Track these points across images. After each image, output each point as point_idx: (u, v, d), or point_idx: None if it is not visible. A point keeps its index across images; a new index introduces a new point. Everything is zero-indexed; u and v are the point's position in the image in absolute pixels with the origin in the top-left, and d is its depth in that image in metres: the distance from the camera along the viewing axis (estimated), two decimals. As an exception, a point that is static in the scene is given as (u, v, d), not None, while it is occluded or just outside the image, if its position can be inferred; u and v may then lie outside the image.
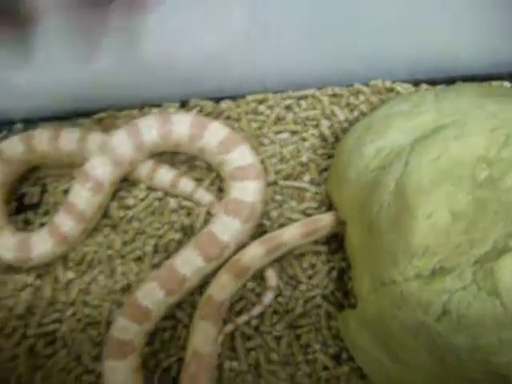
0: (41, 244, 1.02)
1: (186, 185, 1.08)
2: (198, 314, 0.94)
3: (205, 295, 0.96)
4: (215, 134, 1.05)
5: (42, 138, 1.11)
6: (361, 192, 0.88)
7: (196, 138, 1.05)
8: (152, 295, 0.94)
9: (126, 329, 0.92)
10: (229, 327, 0.96)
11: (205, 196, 1.08)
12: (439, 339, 0.73)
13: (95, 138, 1.10)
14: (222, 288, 0.95)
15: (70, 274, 1.05)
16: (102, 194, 1.05)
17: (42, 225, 1.09)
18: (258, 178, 1.01)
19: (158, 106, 1.21)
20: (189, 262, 0.95)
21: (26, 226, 1.12)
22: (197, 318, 0.94)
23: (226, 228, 0.97)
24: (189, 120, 1.06)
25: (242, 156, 1.03)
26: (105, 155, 1.04)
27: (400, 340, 0.78)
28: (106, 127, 1.18)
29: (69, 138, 1.10)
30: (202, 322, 0.93)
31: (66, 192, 1.13)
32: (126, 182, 1.11)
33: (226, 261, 0.98)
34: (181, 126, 1.05)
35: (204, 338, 0.91)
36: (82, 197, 1.03)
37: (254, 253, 0.97)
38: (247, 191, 0.99)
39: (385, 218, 0.80)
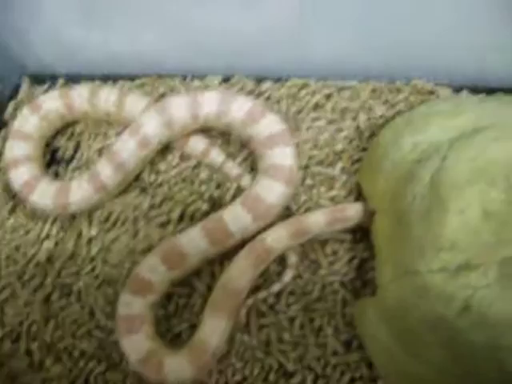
0: (79, 190, 1.04)
1: (217, 155, 1.09)
2: (211, 302, 0.94)
3: (221, 281, 0.95)
4: (240, 107, 1.05)
5: (81, 95, 1.13)
6: (395, 183, 0.88)
7: (248, 123, 1.05)
8: (195, 243, 0.95)
9: (156, 270, 0.93)
10: (248, 301, 0.96)
11: (234, 169, 1.09)
12: (457, 335, 0.73)
13: (134, 100, 1.11)
14: (242, 274, 0.95)
15: (94, 231, 1.07)
16: (147, 150, 1.06)
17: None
18: (291, 143, 1.02)
19: (201, 78, 1.22)
20: (237, 219, 0.96)
21: (56, 179, 1.14)
22: (209, 307, 0.94)
23: (271, 190, 0.98)
24: (248, 105, 1.06)
25: (271, 124, 1.03)
26: (160, 115, 1.05)
27: (417, 332, 0.78)
28: (147, 93, 1.19)
29: (107, 98, 1.12)
30: (213, 313, 0.92)
31: (99, 150, 1.15)
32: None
33: (270, 225, 0.99)
34: (239, 108, 1.05)
35: (213, 330, 0.91)
36: (128, 149, 1.04)
37: (279, 235, 0.97)
38: (284, 156, 1.00)
39: (417, 209, 0.80)
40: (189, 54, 1.19)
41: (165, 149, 1.12)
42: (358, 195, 1.06)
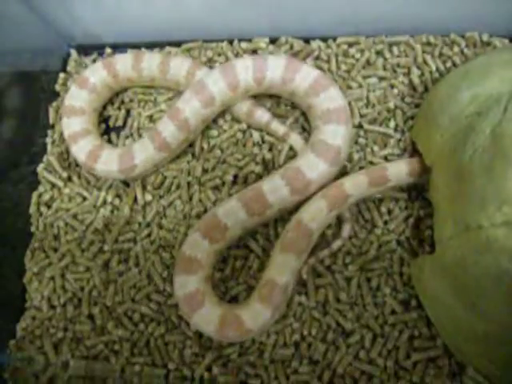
0: (143, 151, 1.04)
1: (262, 115, 1.08)
2: (282, 241, 0.94)
3: (293, 220, 0.95)
4: (305, 77, 1.03)
5: (124, 64, 1.13)
6: (453, 138, 0.85)
7: (310, 93, 1.03)
8: (234, 214, 0.95)
9: (199, 246, 0.94)
10: (310, 260, 0.96)
11: (280, 128, 1.08)
12: (523, 288, 0.71)
13: (178, 63, 1.11)
14: (315, 215, 0.94)
15: (148, 197, 1.08)
16: (211, 109, 1.05)
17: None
18: (347, 122, 1.00)
19: (248, 40, 1.20)
20: (275, 191, 0.95)
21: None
22: (279, 245, 0.94)
23: (313, 167, 0.97)
24: (313, 75, 1.04)
25: (331, 99, 1.01)
26: (223, 76, 1.04)
27: (479, 287, 0.76)
28: (194, 58, 1.19)
29: (151, 63, 1.12)
30: (283, 252, 0.92)
31: (150, 117, 1.15)
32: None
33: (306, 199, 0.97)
34: (303, 77, 1.04)
35: (283, 268, 0.91)
36: (191, 107, 1.04)
37: (358, 181, 0.95)
38: (336, 135, 0.98)
39: (478, 163, 0.78)
40: (233, 16, 1.17)
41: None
42: (413, 153, 1.03)
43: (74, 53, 1.27)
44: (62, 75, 1.24)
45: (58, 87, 1.23)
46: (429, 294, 0.89)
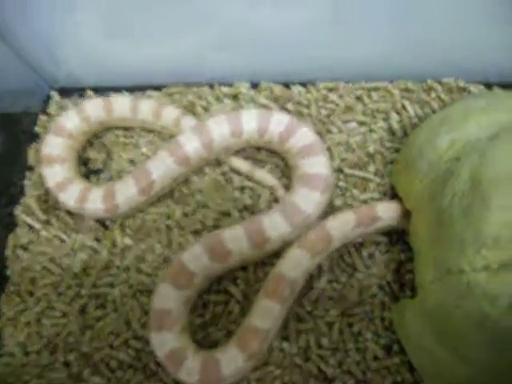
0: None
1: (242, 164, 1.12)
2: (265, 288, 0.93)
3: (276, 268, 0.94)
4: (278, 124, 1.06)
5: (122, 104, 1.16)
6: (432, 183, 0.86)
7: (285, 138, 1.06)
8: (238, 242, 0.95)
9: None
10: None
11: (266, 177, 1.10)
12: (504, 333, 0.71)
13: (169, 111, 1.14)
14: (297, 263, 0.93)
15: (128, 240, 1.07)
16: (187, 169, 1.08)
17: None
18: (324, 153, 1.02)
19: (229, 85, 1.22)
20: (274, 226, 0.96)
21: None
22: (262, 293, 0.92)
23: (307, 199, 0.98)
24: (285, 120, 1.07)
25: (305, 136, 1.04)
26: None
27: (461, 332, 0.76)
28: (175, 101, 1.20)
29: (144, 107, 1.15)
30: (266, 299, 0.91)
31: (130, 161, 1.15)
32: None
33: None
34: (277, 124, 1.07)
35: (264, 314, 0.90)
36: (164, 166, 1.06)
37: (341, 222, 0.95)
38: (319, 165, 1.00)
39: (457, 207, 0.78)
40: (215, 61, 1.19)
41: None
42: (392, 197, 1.04)
43: (55, 95, 1.27)
44: (42, 117, 1.24)
45: (38, 129, 1.23)
46: (411, 338, 0.89)
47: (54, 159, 1.10)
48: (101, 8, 1.09)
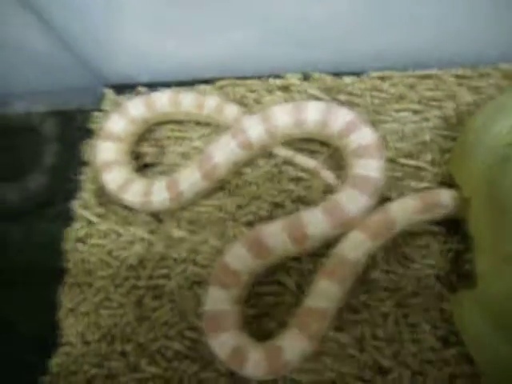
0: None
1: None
2: (324, 269, 0.92)
3: (336, 249, 0.94)
4: (341, 119, 1.05)
5: (162, 99, 1.17)
6: (490, 169, 0.84)
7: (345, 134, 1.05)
8: (276, 237, 0.95)
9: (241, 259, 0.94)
10: None
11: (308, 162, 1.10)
12: None
13: (211, 100, 1.16)
14: (358, 245, 0.92)
15: (182, 233, 1.08)
16: (249, 152, 1.08)
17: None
18: (380, 156, 1.00)
19: (281, 77, 1.22)
20: (315, 223, 0.95)
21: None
22: (321, 273, 0.92)
23: (353, 200, 0.96)
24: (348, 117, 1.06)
25: (364, 136, 1.02)
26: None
27: (525, 323, 0.74)
28: (227, 95, 1.21)
29: (185, 100, 1.17)
30: (324, 279, 0.91)
31: (183, 154, 1.16)
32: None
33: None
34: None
35: (323, 294, 0.90)
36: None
37: (405, 206, 0.94)
38: (371, 168, 0.98)
39: (517, 193, 0.76)
40: (265, 53, 1.19)
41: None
42: (449, 186, 1.02)
43: (108, 92, 1.30)
44: (96, 114, 1.27)
45: (92, 126, 1.26)
46: (470, 330, 0.87)
47: (109, 165, 1.12)
48: (150, 5, 1.11)
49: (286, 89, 1.21)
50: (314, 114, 1.06)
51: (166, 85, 1.27)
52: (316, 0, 1.06)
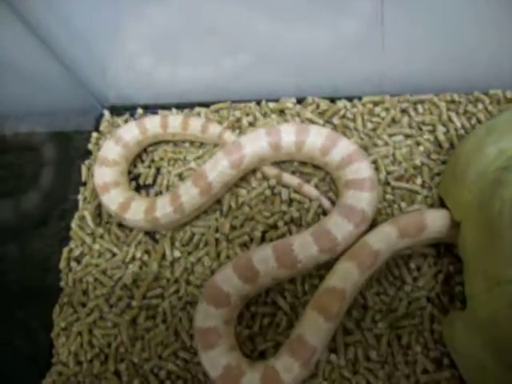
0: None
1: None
2: (314, 300, 0.92)
3: (324, 282, 0.94)
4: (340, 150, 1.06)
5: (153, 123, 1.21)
6: (481, 192, 0.86)
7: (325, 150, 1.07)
8: (265, 262, 0.95)
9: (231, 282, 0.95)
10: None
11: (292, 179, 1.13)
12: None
13: (194, 121, 1.20)
14: (346, 277, 0.92)
15: (177, 253, 1.09)
16: (237, 171, 1.09)
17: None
18: (373, 189, 1.01)
19: (276, 100, 1.24)
20: (305, 248, 0.96)
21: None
22: (311, 305, 0.92)
23: (340, 228, 0.97)
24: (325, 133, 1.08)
25: (359, 170, 1.03)
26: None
27: (515, 344, 0.75)
28: (223, 118, 1.23)
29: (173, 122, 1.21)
30: (314, 312, 0.91)
31: (179, 175, 1.18)
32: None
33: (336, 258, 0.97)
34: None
35: (312, 327, 0.89)
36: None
37: (384, 235, 0.95)
38: (362, 199, 0.99)
39: (507, 215, 0.77)
40: (261, 77, 1.22)
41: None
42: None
43: (106, 113, 1.32)
44: (94, 134, 1.29)
45: (90, 146, 1.28)
46: (461, 352, 0.87)
47: (107, 186, 1.14)
48: (150, 33, 1.13)
49: (280, 112, 1.24)
50: (288, 135, 1.08)
51: (163, 107, 1.30)
52: (309, 27, 1.08)
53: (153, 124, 1.20)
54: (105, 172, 1.14)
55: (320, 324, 0.89)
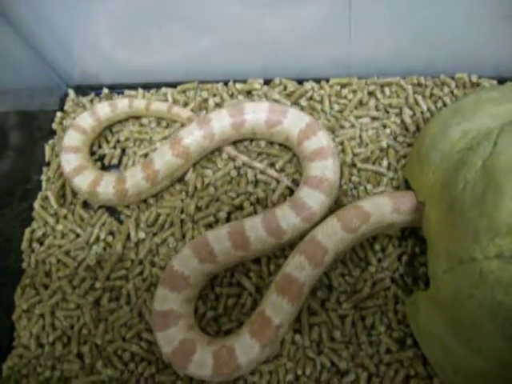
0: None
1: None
2: (275, 283, 0.92)
3: (284, 267, 0.94)
4: (296, 122, 1.07)
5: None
6: (444, 173, 0.86)
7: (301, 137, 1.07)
8: (256, 232, 0.96)
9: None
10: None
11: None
12: (519, 322, 0.70)
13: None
14: (301, 268, 0.92)
15: (141, 234, 1.08)
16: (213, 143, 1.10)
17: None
18: (334, 157, 1.02)
19: (243, 81, 1.23)
20: (287, 218, 0.96)
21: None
22: (273, 286, 0.92)
23: (313, 198, 0.98)
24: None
25: (319, 140, 1.04)
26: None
27: (475, 322, 0.75)
28: (190, 98, 1.22)
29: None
30: (276, 293, 0.91)
31: (145, 155, 1.16)
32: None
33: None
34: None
35: (275, 306, 0.90)
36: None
37: (330, 229, 0.94)
38: (326, 169, 1.00)
39: (469, 195, 0.78)
40: (228, 58, 1.21)
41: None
42: (406, 191, 1.04)
43: (71, 93, 1.30)
44: (59, 114, 1.26)
45: (54, 126, 1.25)
46: (424, 331, 0.88)
47: (71, 149, 1.14)
48: (115, 10, 1.11)
49: (248, 93, 1.23)
50: (257, 114, 1.09)
51: (130, 87, 1.28)
52: (278, 8, 1.08)
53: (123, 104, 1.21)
54: (74, 136, 1.15)
55: (281, 304, 0.89)
